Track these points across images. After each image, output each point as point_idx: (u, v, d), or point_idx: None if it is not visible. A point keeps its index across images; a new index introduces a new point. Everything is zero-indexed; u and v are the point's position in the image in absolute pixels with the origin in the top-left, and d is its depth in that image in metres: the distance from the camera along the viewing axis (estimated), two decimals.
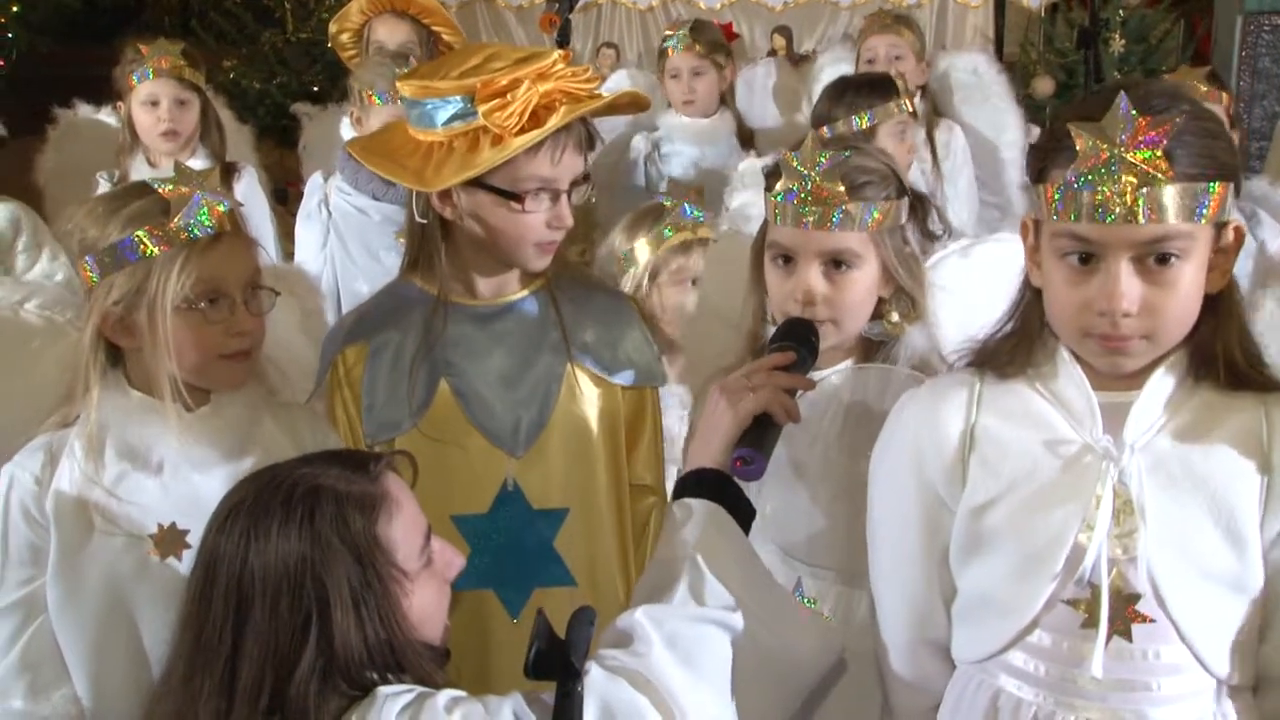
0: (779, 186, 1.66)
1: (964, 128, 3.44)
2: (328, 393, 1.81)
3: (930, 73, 3.51)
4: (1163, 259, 1.28)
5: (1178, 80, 2.82)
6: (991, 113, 3.54)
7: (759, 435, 1.46)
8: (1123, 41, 5.65)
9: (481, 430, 1.74)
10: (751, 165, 3.07)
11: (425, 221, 1.74)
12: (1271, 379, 1.37)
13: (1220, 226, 1.30)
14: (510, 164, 1.62)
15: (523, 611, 1.77)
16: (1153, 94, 1.29)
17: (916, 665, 1.55)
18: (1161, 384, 1.36)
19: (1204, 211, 1.26)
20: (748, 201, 2.71)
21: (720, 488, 1.43)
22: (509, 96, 1.58)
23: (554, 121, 1.59)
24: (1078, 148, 1.27)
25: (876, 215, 1.65)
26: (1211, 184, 1.26)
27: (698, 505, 1.41)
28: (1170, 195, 1.24)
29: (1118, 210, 1.25)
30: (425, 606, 1.33)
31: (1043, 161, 1.33)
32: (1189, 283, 1.30)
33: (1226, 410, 1.35)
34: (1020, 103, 3.67)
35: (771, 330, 1.74)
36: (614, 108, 1.70)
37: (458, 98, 1.61)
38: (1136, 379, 1.36)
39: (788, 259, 1.69)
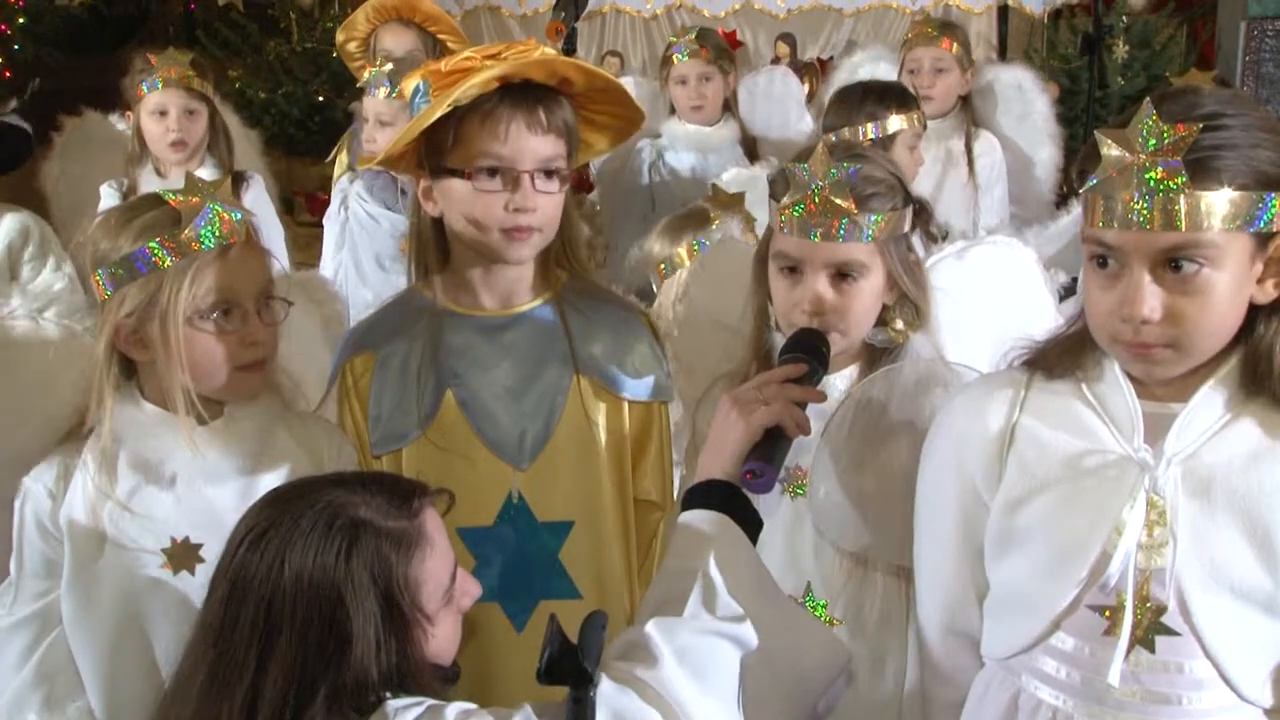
0: (786, 198, 1.66)
1: (1001, 140, 3.44)
2: (338, 401, 1.81)
3: (974, 83, 3.51)
4: (1183, 266, 1.26)
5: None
6: (1030, 130, 3.54)
7: (769, 448, 1.46)
8: (1126, 47, 5.64)
9: (486, 442, 1.74)
10: (735, 175, 3.08)
11: (415, 221, 1.77)
12: None
13: (1268, 236, 1.27)
14: (463, 144, 1.64)
15: (528, 624, 1.77)
16: (1200, 102, 1.27)
17: (948, 655, 1.56)
18: (1210, 397, 1.34)
19: (1261, 222, 1.25)
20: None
21: (729, 498, 1.43)
22: (446, 65, 1.62)
23: (470, 81, 1.59)
24: (1102, 154, 1.27)
25: (880, 223, 1.65)
26: (1266, 195, 1.24)
27: (708, 517, 1.41)
28: (1193, 203, 1.23)
29: (1135, 217, 1.25)
30: (443, 641, 1.33)
31: (1083, 166, 1.33)
32: (1220, 292, 1.27)
33: (1276, 427, 1.32)
34: None
35: (776, 336, 1.74)
36: (556, 74, 1.65)
37: (422, 81, 1.65)
38: (1185, 390, 1.34)
39: (794, 268, 1.69)
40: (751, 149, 3.61)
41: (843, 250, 1.65)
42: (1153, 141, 1.24)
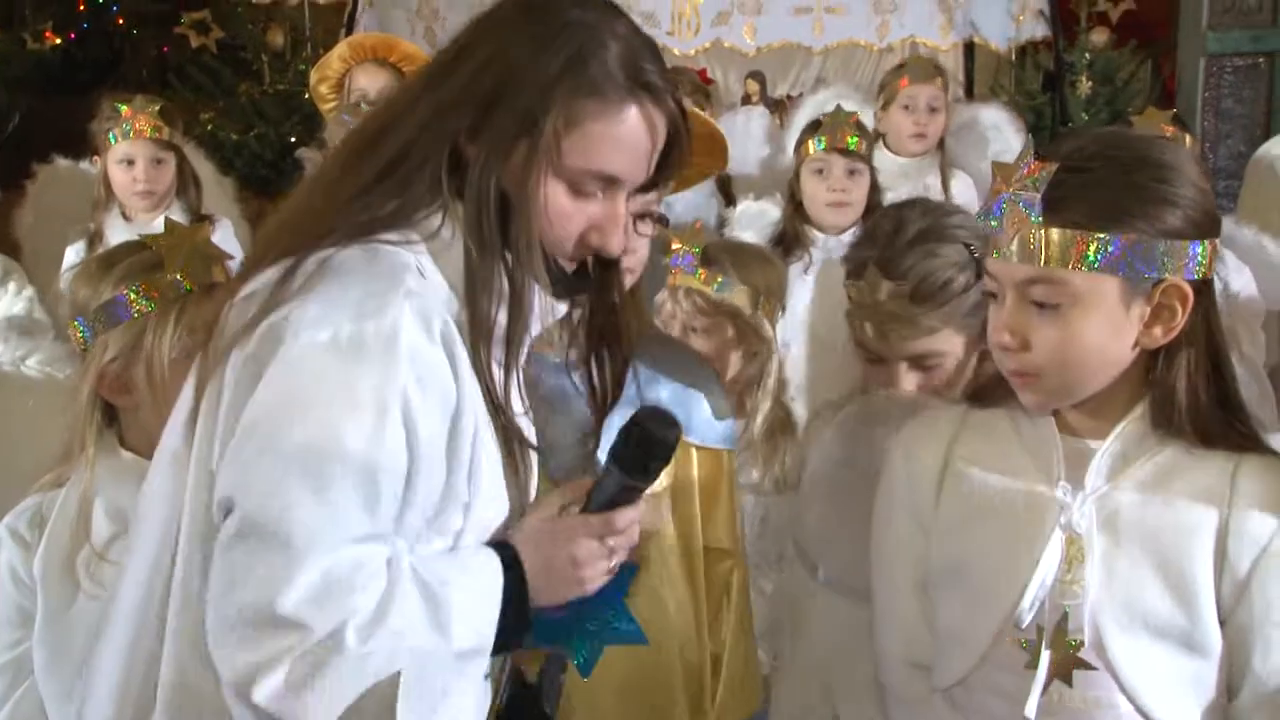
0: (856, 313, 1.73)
1: (979, 180, 3.48)
2: None
3: (951, 122, 3.59)
4: (1043, 302, 1.30)
5: (1141, 129, 2.85)
6: None
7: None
8: (1089, 83, 5.73)
9: (554, 480, 1.71)
10: (747, 209, 3.12)
11: None
12: (1250, 436, 1.36)
13: (1146, 282, 1.28)
14: None
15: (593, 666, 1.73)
16: (1083, 145, 1.31)
17: (907, 685, 1.56)
18: (1127, 434, 1.36)
19: (1097, 261, 1.26)
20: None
21: None
22: None
23: None
24: (991, 186, 1.33)
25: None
26: (1108, 235, 1.25)
27: None
28: (1047, 239, 1.26)
29: (1002, 247, 1.30)
30: (559, 208, 1.24)
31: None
32: (1081, 331, 1.29)
33: (1193, 467, 1.35)
34: None
35: None
36: None
37: None
38: (1104, 427, 1.37)
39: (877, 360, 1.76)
40: (725, 186, 3.63)
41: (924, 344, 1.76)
42: (1021, 176, 1.29)
